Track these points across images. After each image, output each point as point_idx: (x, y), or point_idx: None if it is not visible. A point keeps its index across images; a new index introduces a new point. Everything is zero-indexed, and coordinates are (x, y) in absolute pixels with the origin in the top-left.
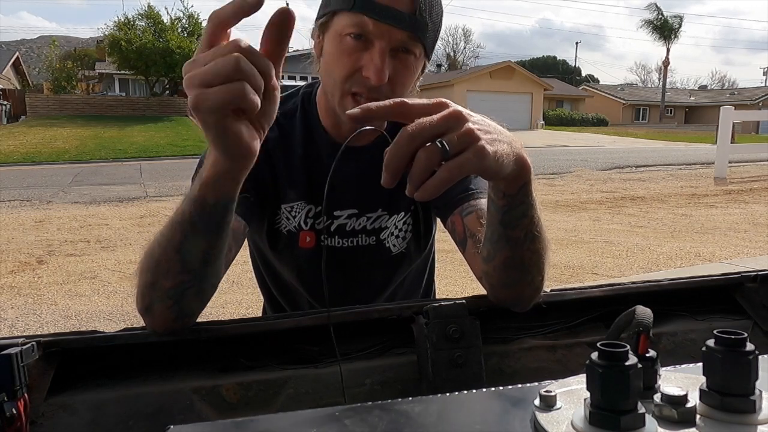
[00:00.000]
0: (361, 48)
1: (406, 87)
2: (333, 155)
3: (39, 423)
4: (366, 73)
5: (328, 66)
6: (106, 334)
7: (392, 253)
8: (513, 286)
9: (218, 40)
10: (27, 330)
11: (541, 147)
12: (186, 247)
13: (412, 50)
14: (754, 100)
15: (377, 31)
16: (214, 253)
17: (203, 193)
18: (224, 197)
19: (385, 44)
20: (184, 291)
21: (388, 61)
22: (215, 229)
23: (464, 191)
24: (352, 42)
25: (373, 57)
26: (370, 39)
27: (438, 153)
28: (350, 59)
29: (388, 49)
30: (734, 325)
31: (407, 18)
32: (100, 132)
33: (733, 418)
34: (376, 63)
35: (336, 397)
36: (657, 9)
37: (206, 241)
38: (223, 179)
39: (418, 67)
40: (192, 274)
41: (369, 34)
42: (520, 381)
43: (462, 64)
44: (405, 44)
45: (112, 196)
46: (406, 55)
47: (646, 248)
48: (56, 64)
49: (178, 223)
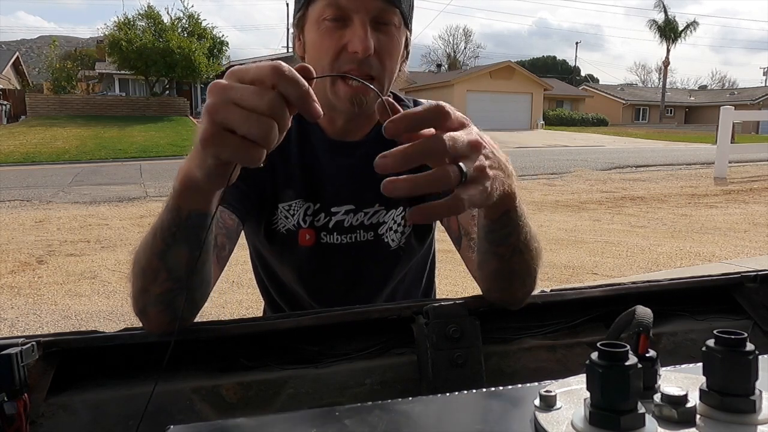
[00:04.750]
0: (341, 27)
1: (394, 58)
2: (329, 152)
3: (39, 423)
4: (352, 48)
5: (314, 56)
6: (106, 334)
7: (391, 248)
8: (504, 291)
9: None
10: (27, 330)
11: (541, 147)
12: (168, 255)
13: (390, 19)
14: (754, 100)
15: (352, 5)
16: (199, 262)
17: (177, 203)
18: (197, 209)
19: (363, 15)
20: (173, 297)
21: (371, 33)
22: (195, 239)
23: None
24: (331, 24)
25: (356, 30)
26: (348, 15)
27: (457, 180)
28: (333, 40)
29: (368, 20)
30: (734, 325)
31: None
32: (100, 132)
33: (733, 418)
34: (359, 34)
35: (336, 397)
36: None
37: (188, 251)
38: (194, 192)
39: (401, 37)
40: (179, 282)
41: (345, 10)
42: (520, 381)
43: (462, 64)
44: (383, 13)
45: (112, 196)
46: (386, 26)
47: (646, 248)
48: (56, 64)
49: (159, 230)
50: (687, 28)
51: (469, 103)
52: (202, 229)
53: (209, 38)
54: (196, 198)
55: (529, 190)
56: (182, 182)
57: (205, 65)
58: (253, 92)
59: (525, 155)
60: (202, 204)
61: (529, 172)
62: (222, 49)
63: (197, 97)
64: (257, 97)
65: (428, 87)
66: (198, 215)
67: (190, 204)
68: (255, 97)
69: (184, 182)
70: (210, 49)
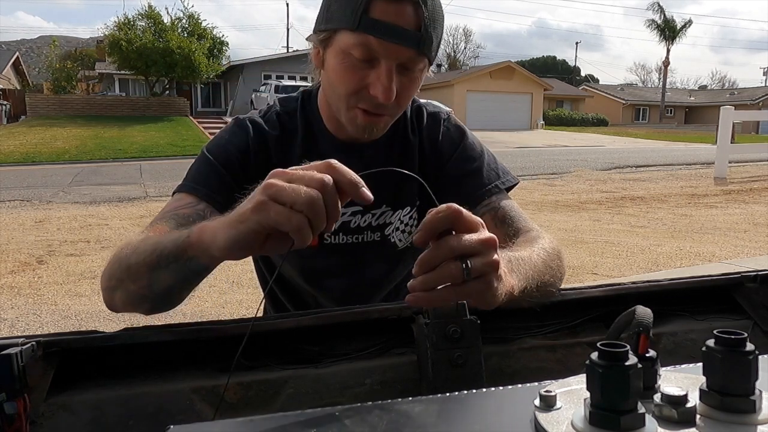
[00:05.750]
0: (367, 66)
1: (411, 97)
2: (336, 153)
3: (39, 423)
4: (373, 92)
5: (332, 81)
6: (106, 334)
7: (398, 248)
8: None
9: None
10: (27, 330)
11: (541, 147)
12: (156, 274)
13: (417, 66)
14: (754, 100)
15: (383, 50)
16: (179, 291)
17: (185, 246)
18: (203, 262)
19: (392, 63)
20: (142, 301)
21: (395, 78)
22: (186, 277)
23: (480, 187)
24: (358, 61)
25: (380, 76)
26: (375, 57)
27: (459, 276)
28: (355, 77)
29: (395, 66)
30: (734, 325)
31: (413, 35)
32: (100, 132)
33: (733, 418)
34: (384, 83)
35: (336, 397)
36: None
37: (174, 281)
38: (206, 251)
39: (422, 78)
40: (153, 294)
41: (374, 53)
42: (520, 381)
43: (462, 64)
44: (411, 61)
45: (112, 196)
46: (411, 72)
47: (646, 248)
48: (56, 64)
49: (158, 248)
50: (684, 27)
51: (469, 103)
52: (198, 274)
53: (209, 38)
54: (205, 255)
55: (529, 190)
56: (199, 237)
57: (205, 65)
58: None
59: (525, 155)
60: (208, 261)
61: (529, 172)
62: (222, 49)
63: (197, 97)
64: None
65: (428, 87)
66: (199, 264)
67: (197, 253)
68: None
69: (201, 238)
70: (210, 49)
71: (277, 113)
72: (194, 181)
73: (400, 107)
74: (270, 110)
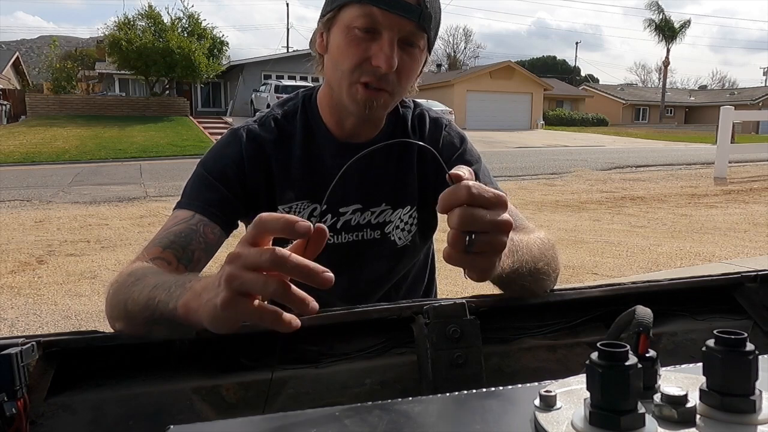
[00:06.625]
0: (369, 39)
1: (411, 79)
2: (336, 154)
3: (39, 423)
4: (375, 62)
5: (336, 58)
6: (106, 334)
7: (397, 246)
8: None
9: (260, 243)
10: (27, 330)
11: (541, 147)
12: (151, 323)
13: (417, 42)
14: (754, 100)
15: (386, 21)
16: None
17: (175, 316)
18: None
19: (394, 34)
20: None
21: (396, 51)
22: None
23: None
24: (361, 33)
25: (383, 46)
26: (378, 29)
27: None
28: (359, 49)
29: (396, 38)
30: (734, 325)
31: (414, 8)
32: (100, 132)
33: (733, 418)
34: (386, 51)
35: (336, 397)
36: (658, 8)
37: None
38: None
39: (421, 60)
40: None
41: (377, 24)
42: (520, 381)
43: (462, 64)
44: (412, 35)
45: (112, 196)
46: (411, 48)
47: (646, 248)
48: (56, 64)
49: (151, 306)
50: (683, 27)
51: (469, 103)
52: (190, 331)
53: (209, 38)
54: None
55: (529, 190)
56: (185, 316)
57: (205, 65)
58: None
59: (525, 155)
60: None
61: (529, 172)
62: (222, 49)
63: (197, 97)
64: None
65: (428, 87)
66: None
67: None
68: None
69: (187, 318)
70: (210, 49)
71: (275, 117)
72: (189, 197)
73: (400, 86)
74: (267, 114)
